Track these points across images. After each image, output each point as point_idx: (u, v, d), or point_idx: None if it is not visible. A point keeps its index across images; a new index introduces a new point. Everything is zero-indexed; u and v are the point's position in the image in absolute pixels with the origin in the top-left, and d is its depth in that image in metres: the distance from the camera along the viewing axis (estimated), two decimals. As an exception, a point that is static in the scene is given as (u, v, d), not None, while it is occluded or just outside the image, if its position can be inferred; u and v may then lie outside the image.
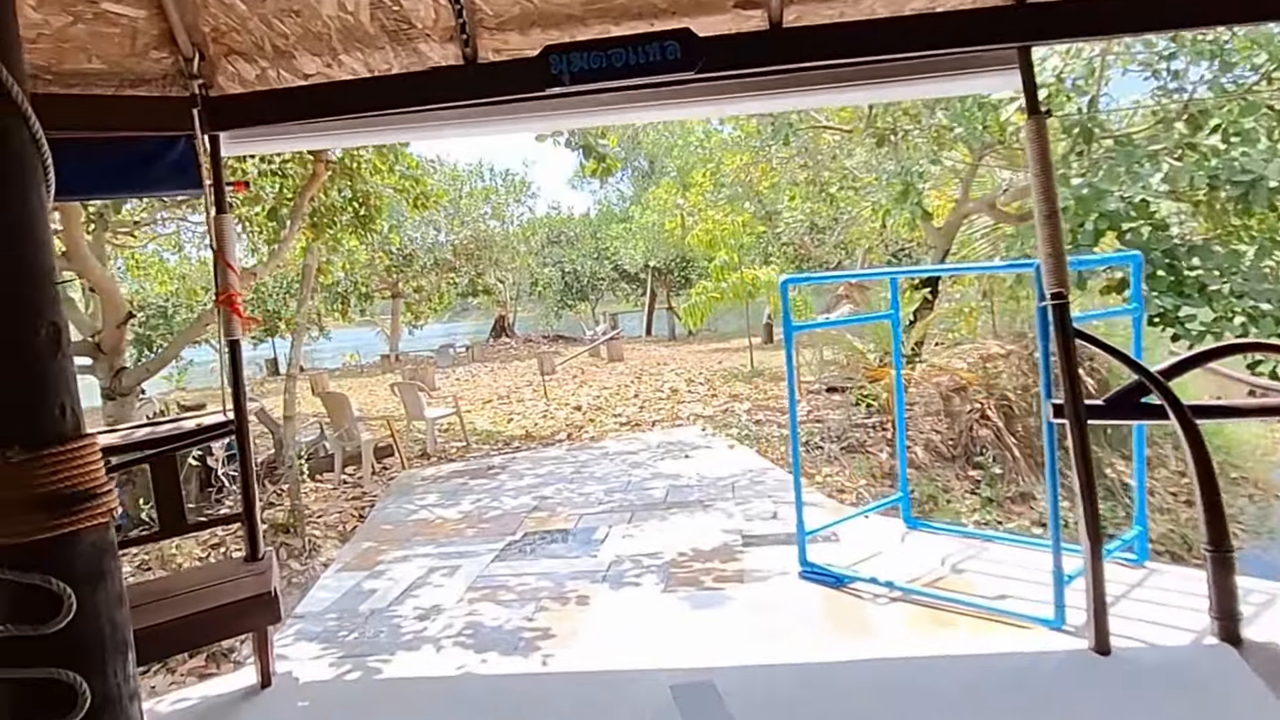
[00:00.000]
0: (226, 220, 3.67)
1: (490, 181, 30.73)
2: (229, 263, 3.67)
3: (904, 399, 5.02)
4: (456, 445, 10.80)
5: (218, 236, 3.65)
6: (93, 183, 3.75)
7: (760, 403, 11.84)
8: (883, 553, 4.53)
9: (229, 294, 3.64)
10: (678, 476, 7.00)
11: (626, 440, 9.27)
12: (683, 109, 3.57)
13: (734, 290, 14.70)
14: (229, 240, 3.68)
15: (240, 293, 3.73)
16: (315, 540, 7.32)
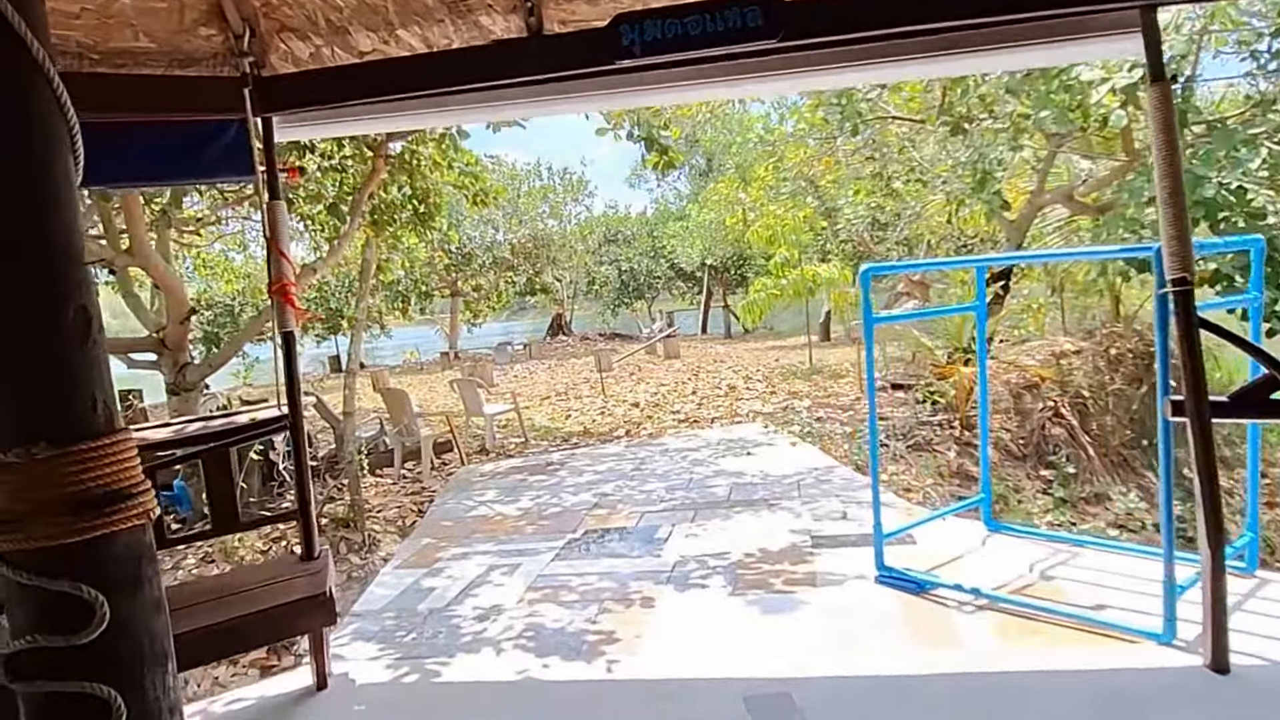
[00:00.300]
0: (280, 207, 3.57)
1: (548, 180, 30.81)
2: (283, 251, 3.57)
3: (987, 394, 4.75)
4: (515, 441, 10.74)
5: (271, 224, 3.55)
6: (140, 169, 3.67)
7: (821, 400, 11.56)
8: (963, 557, 4.28)
9: (283, 284, 3.55)
10: (740, 474, 6.80)
11: (686, 437, 9.09)
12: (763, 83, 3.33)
13: (794, 287, 14.40)
14: (282, 228, 3.58)
15: (294, 283, 3.64)
16: (375, 535, 7.28)
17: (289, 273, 3.62)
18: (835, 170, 11.66)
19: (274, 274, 3.56)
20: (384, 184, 10.97)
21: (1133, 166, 8.76)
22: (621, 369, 19.35)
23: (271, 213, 3.55)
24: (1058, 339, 12.17)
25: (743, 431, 8.98)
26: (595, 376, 17.94)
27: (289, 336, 3.60)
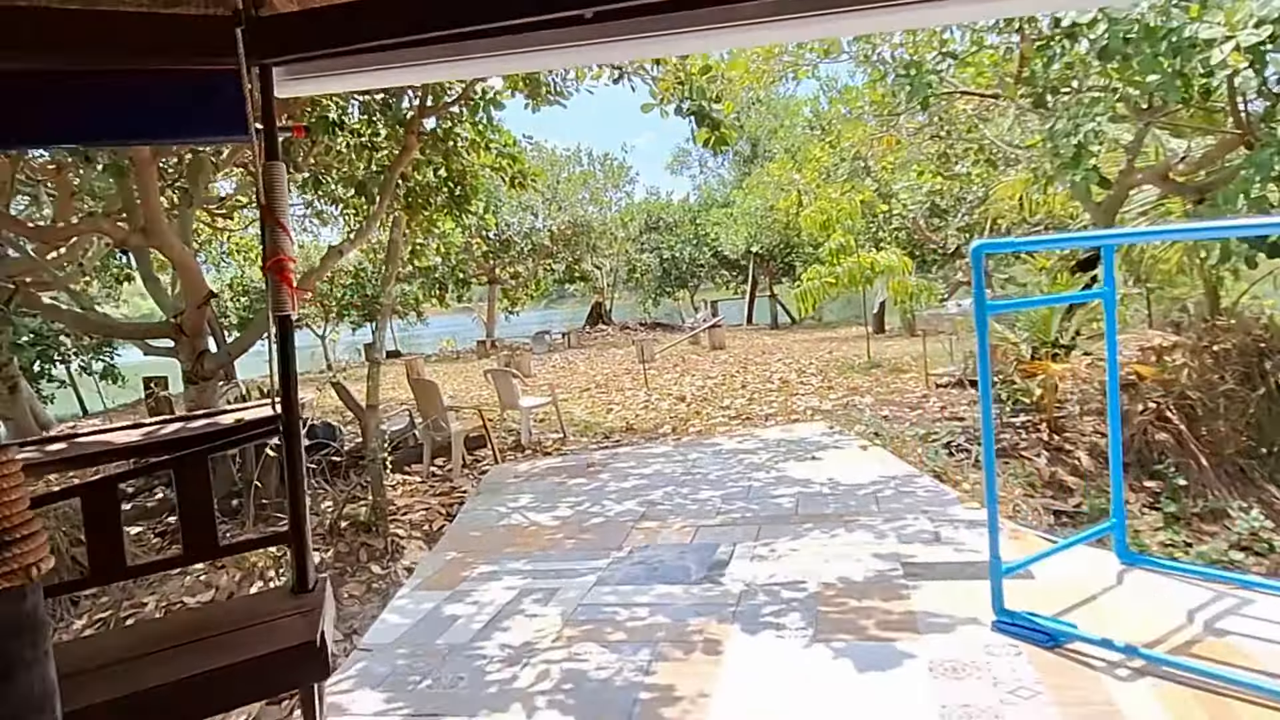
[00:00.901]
0: (278, 170, 2.88)
1: (588, 166, 30.13)
2: (280, 221, 2.87)
3: (1117, 399, 3.94)
4: (553, 437, 10.07)
5: (267, 188, 2.86)
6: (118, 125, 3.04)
7: (884, 397, 10.73)
8: (1097, 598, 3.49)
9: (279, 259, 2.86)
10: (807, 483, 6.03)
11: (740, 437, 8.32)
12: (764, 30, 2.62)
13: (849, 275, 13.56)
14: (280, 193, 2.89)
15: (293, 259, 2.95)
16: (398, 541, 6.65)
17: (287, 247, 2.92)
18: (896, 151, 10.79)
19: (269, 247, 2.88)
20: (418, 165, 10.39)
21: (1243, 140, 7.82)
22: (664, 360, 18.63)
23: (268, 175, 2.85)
24: (1146, 333, 11.22)
25: (804, 431, 8.20)
26: (637, 368, 17.23)
27: (285, 322, 2.90)
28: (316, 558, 6.47)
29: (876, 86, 9.88)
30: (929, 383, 11.22)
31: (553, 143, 30.45)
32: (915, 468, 6.56)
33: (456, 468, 8.47)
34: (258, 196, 2.89)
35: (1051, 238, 7.50)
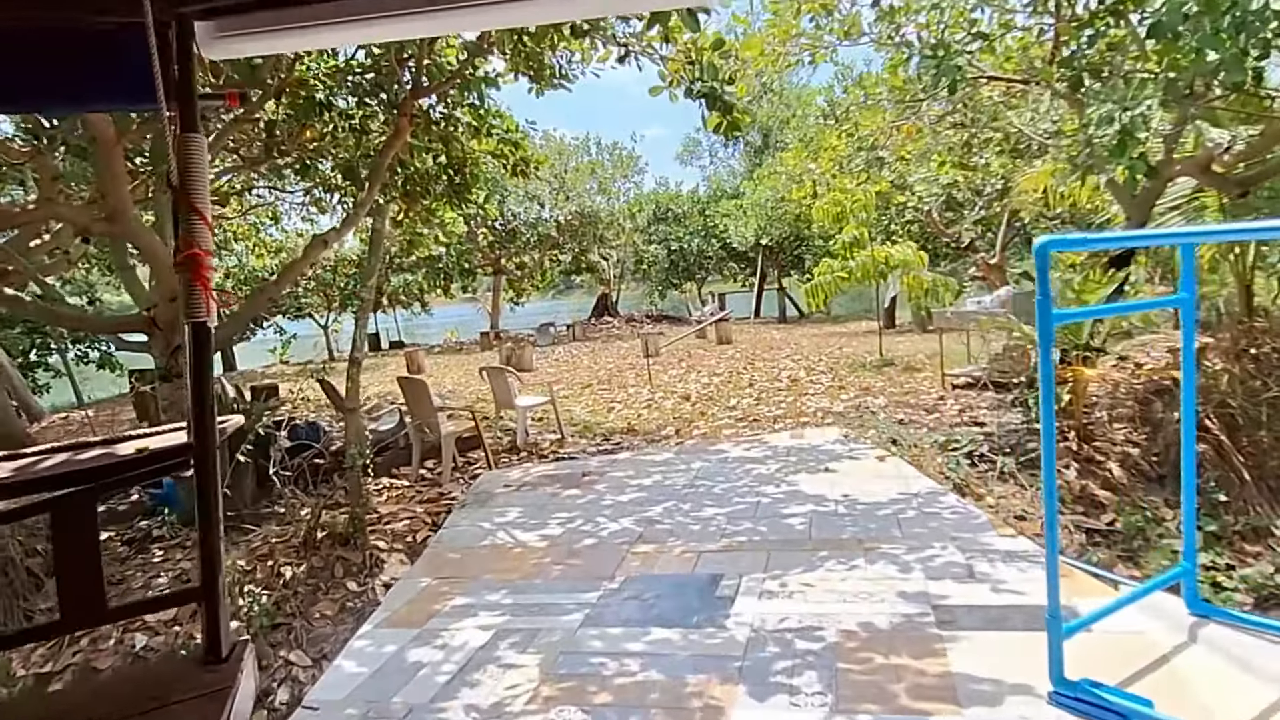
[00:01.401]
0: (195, 144, 2.33)
1: (597, 156, 29.54)
2: (196, 207, 2.33)
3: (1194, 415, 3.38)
4: (550, 438, 9.56)
5: (182, 167, 2.31)
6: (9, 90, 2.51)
7: (898, 399, 10.19)
8: (1170, 660, 2.96)
9: (193, 253, 2.32)
10: (820, 500, 5.49)
11: (747, 442, 7.79)
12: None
13: (862, 269, 13.01)
14: (199, 174, 2.33)
15: (209, 253, 2.40)
16: (378, 554, 6.16)
17: (204, 239, 2.36)
18: (916, 140, 10.21)
19: (181, 238, 2.33)
20: (416, 152, 9.91)
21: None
22: (670, 354, 18.10)
23: (183, 151, 2.31)
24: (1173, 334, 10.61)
25: (815, 438, 7.66)
26: (641, 362, 16.70)
27: (200, 331, 2.36)
28: (288, 572, 5.99)
29: (898, 71, 9.30)
30: (945, 383, 10.67)
31: (561, 131, 29.90)
32: (936, 481, 6.03)
33: (446, 472, 7.98)
34: (169, 176, 2.34)
35: (1127, 235, 6.88)
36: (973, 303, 10.69)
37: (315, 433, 8.60)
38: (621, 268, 35.32)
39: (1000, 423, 8.33)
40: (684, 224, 31.89)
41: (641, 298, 37.24)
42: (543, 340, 24.99)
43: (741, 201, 28.42)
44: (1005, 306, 9.92)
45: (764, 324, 28.15)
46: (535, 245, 27.73)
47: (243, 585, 5.64)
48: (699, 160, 41.62)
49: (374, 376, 19.50)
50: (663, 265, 32.55)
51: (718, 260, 32.24)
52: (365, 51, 8.03)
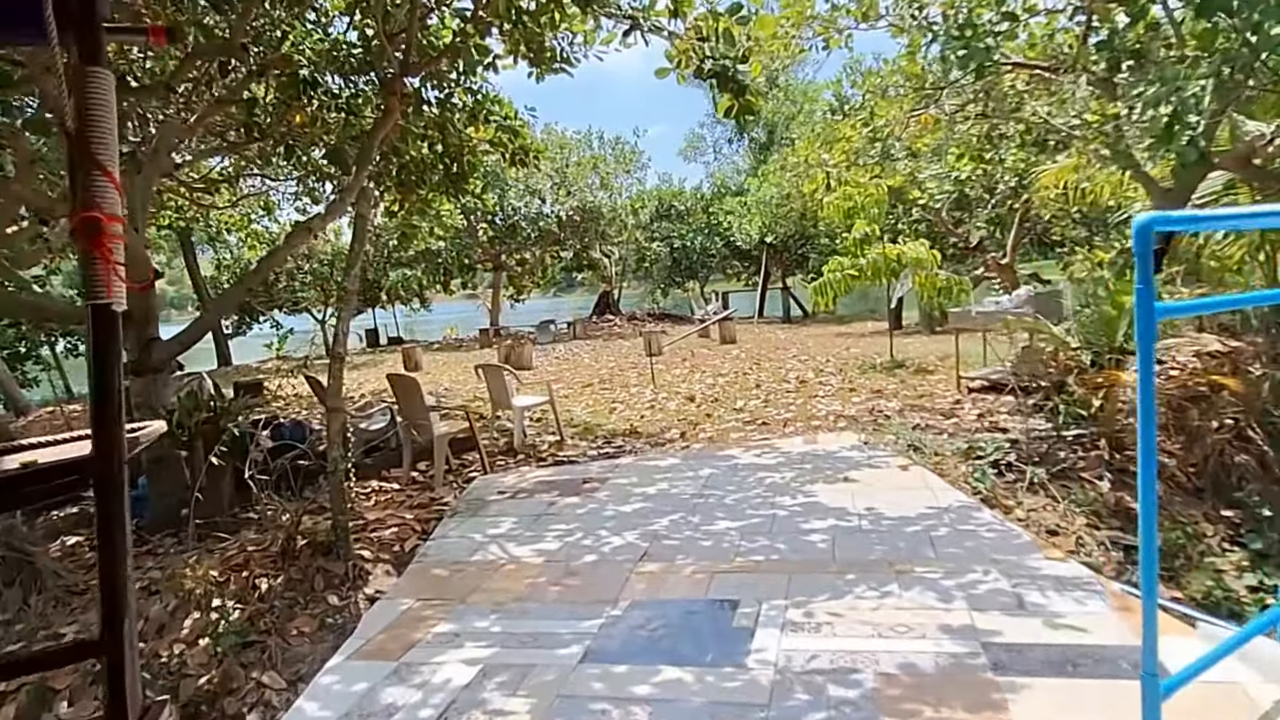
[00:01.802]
0: (98, 82, 1.85)
1: (599, 150, 29.04)
2: (99, 158, 1.85)
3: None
4: (549, 439, 9.10)
5: (80, 108, 1.83)
6: None
7: (912, 402, 9.73)
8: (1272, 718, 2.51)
9: (90, 216, 1.83)
10: (842, 513, 5.02)
11: (758, 448, 7.32)
12: None
13: (873, 268, 12.53)
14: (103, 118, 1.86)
15: (117, 218, 1.90)
16: (363, 564, 5.71)
17: (108, 200, 1.88)
18: (934, 131, 9.73)
19: (80, 196, 1.84)
20: (411, 139, 9.46)
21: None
22: (672, 353, 17.64)
23: (81, 87, 1.83)
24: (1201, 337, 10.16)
25: (830, 443, 7.20)
26: (644, 361, 16.24)
27: (102, 316, 1.87)
28: (264, 584, 5.54)
29: (916, 57, 8.83)
30: (960, 386, 10.21)
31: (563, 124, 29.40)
32: (965, 493, 5.57)
33: (438, 475, 7.52)
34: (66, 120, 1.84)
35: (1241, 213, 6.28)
36: (991, 303, 10.22)
37: (300, 432, 8.15)
38: (623, 265, 34.85)
39: (1023, 429, 7.87)
40: (687, 221, 31.43)
41: (643, 296, 36.78)
42: (543, 338, 24.54)
43: (746, 198, 27.96)
44: (1026, 307, 9.45)
45: (768, 323, 27.70)
46: (536, 241, 27.27)
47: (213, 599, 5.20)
48: (703, 156, 41.21)
49: (370, 374, 19.05)
50: (665, 263, 32.09)
51: (721, 258, 31.78)
52: (354, 28, 7.58)
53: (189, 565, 5.65)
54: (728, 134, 38.91)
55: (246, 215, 16.27)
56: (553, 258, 31.08)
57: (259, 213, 16.34)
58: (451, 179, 10.28)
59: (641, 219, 30.52)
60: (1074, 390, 7.15)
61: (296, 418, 8.83)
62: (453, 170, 10.22)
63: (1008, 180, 15.11)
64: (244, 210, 15.94)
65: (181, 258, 23.53)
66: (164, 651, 4.83)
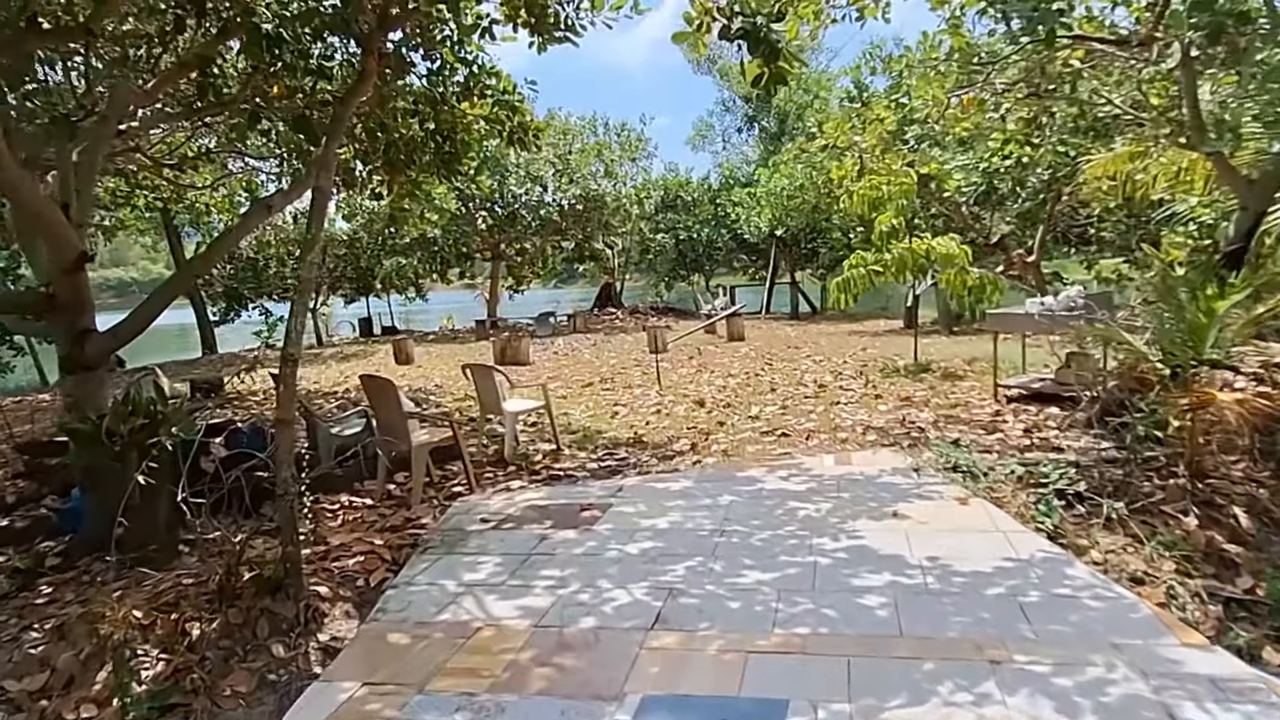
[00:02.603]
0: None
1: (604, 137, 28.01)
2: None
3: None
4: (544, 447, 8.17)
5: None
6: None
7: (946, 412, 8.80)
8: None
9: None
10: (899, 564, 4.07)
11: (783, 468, 6.37)
12: None
13: (899, 263, 11.57)
14: None
15: None
16: (319, 603, 4.78)
17: None
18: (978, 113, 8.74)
19: None
20: (401, 115, 8.55)
21: None
22: (678, 350, 16.69)
23: None
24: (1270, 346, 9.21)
25: (866, 463, 6.25)
26: (648, 359, 15.29)
27: None
28: (196, 629, 4.60)
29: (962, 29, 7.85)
30: (997, 395, 9.28)
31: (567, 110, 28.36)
32: (1046, 537, 4.63)
33: (417, 491, 6.59)
34: None
35: None
36: (1035, 304, 9.26)
37: (260, 439, 7.18)
38: (626, 257, 33.85)
39: (1081, 448, 6.94)
40: (693, 212, 30.38)
41: (647, 289, 35.77)
42: (542, 331, 23.58)
43: (755, 190, 26.93)
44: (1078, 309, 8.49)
45: (775, 319, 26.75)
46: (536, 230, 26.28)
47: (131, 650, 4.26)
48: (711, 146, 40.13)
49: (359, 365, 18.09)
50: (670, 255, 31.07)
51: (727, 251, 30.74)
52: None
53: (110, 603, 4.70)
54: (737, 123, 37.89)
55: (229, 197, 15.31)
56: (553, 248, 30.09)
57: (243, 195, 15.42)
58: (443, 159, 9.39)
59: (646, 209, 29.51)
60: (1148, 408, 6.19)
61: (258, 422, 7.87)
62: (444, 149, 9.32)
63: (1040, 173, 14.14)
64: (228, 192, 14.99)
65: (166, 242, 22.44)
66: (69, 714, 3.90)
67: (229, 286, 25.40)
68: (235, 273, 25.29)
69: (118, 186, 14.28)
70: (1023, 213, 14.86)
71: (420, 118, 8.71)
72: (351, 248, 26.50)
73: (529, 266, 30.05)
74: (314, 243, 5.00)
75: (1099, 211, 12.39)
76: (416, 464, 6.59)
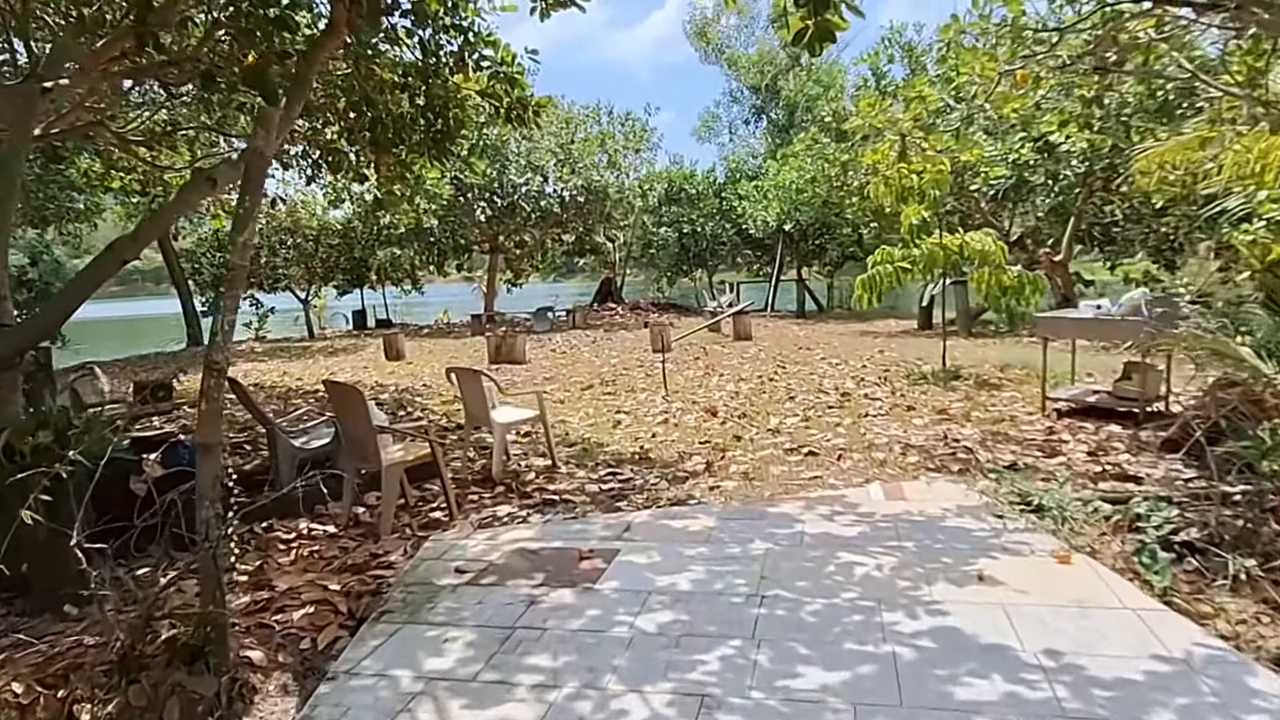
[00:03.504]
0: None
1: (607, 126, 26.91)
2: None
3: None
4: (538, 463, 7.16)
5: None
6: None
7: (991, 428, 7.80)
8: None
9: None
10: (1012, 659, 3.03)
11: (822, 501, 5.33)
12: None
13: (929, 259, 10.54)
14: None
15: None
16: (249, 673, 3.77)
17: None
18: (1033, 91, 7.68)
19: None
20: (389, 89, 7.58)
21: None
22: (683, 350, 15.67)
23: None
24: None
25: (923, 497, 5.22)
26: (651, 359, 14.27)
27: None
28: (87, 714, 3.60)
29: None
30: (1045, 409, 8.28)
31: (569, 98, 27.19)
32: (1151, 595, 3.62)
33: (386, 519, 5.57)
34: None
35: None
36: (1089, 307, 8.24)
37: (203, 455, 6.17)
38: (628, 250, 32.76)
39: (1161, 478, 5.94)
40: (698, 206, 29.26)
41: (648, 284, 34.65)
42: (539, 326, 22.54)
43: (762, 183, 25.85)
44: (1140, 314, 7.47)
45: (781, 318, 25.69)
46: (536, 222, 25.19)
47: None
48: (717, 138, 38.98)
49: (348, 361, 17.04)
50: (672, 250, 29.96)
51: (731, 247, 29.62)
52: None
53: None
54: (744, 114, 36.75)
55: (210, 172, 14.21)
56: (553, 240, 29.02)
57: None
58: (433, 138, 8.39)
59: (650, 202, 28.40)
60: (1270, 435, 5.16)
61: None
62: (435, 127, 8.33)
63: (1076, 165, 13.13)
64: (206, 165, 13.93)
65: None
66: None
67: (218, 275, 24.31)
68: (224, 260, 24.20)
69: (90, 168, 13.25)
70: (1054, 207, 13.82)
71: (409, 92, 7.77)
72: (345, 237, 25.40)
73: (528, 259, 28.99)
74: (247, 218, 3.95)
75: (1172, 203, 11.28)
76: (387, 487, 5.57)
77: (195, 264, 24.34)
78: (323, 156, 9.83)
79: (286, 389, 12.62)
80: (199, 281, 24.53)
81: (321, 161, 9.93)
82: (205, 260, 24.54)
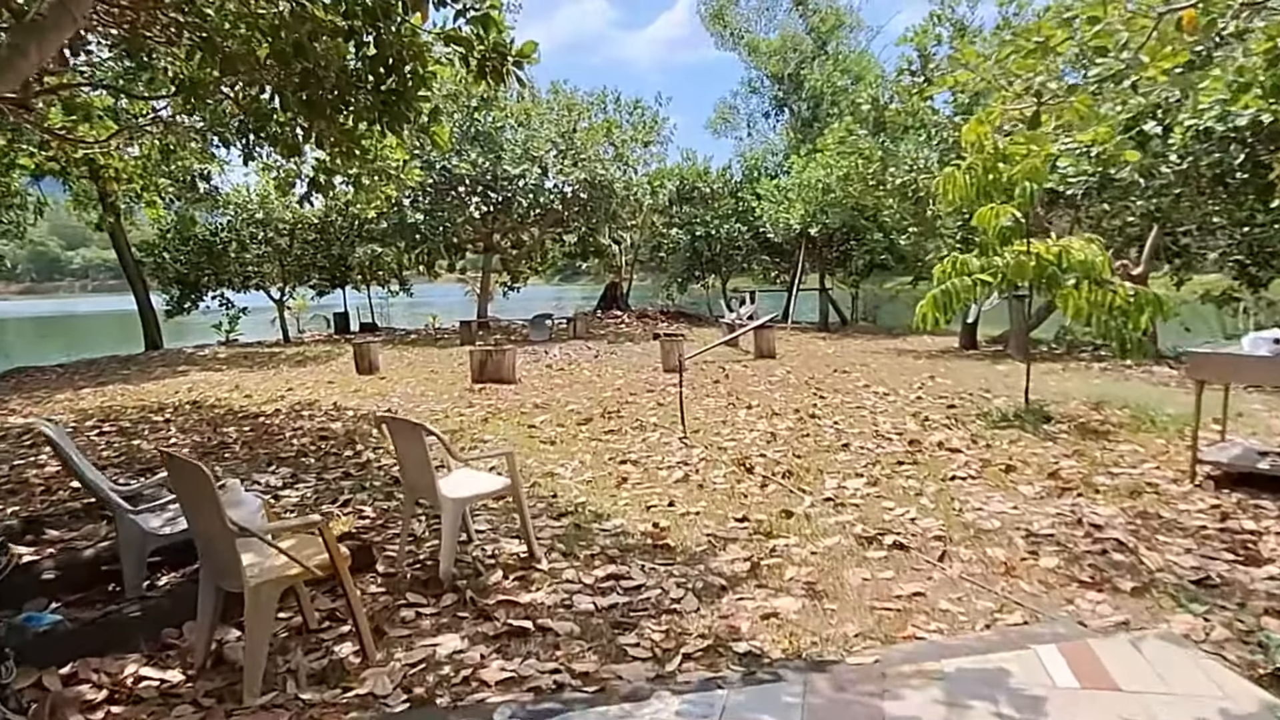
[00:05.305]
0: None
1: (614, 114, 24.75)
2: None
3: None
4: (510, 551, 4.97)
5: None
6: None
7: (1130, 502, 5.67)
8: None
9: None
10: None
11: (962, 682, 3.16)
12: None
13: (1017, 271, 8.34)
14: None
15: None
16: None
17: None
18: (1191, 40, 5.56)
19: None
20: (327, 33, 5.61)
21: None
22: (699, 370, 13.51)
23: None
24: None
25: (1137, 672, 3.02)
26: (662, 380, 12.11)
27: None
28: None
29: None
30: (1193, 475, 6.12)
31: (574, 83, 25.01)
32: None
33: (252, 678, 3.40)
34: None
35: None
36: (1262, 340, 6.03)
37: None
38: (635, 253, 30.56)
39: None
40: (712, 206, 27.01)
41: (656, 289, 32.40)
42: (537, 335, 20.38)
43: (784, 181, 23.63)
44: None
45: (802, 331, 23.47)
46: (535, 220, 23.02)
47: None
48: (735, 131, 36.66)
49: (319, 372, 14.84)
50: (684, 253, 27.72)
51: (748, 251, 27.35)
52: None
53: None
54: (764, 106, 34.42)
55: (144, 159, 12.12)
56: (554, 240, 26.88)
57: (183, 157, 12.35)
58: (384, 99, 6.38)
59: (660, 200, 26.20)
60: None
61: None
62: (388, 84, 6.33)
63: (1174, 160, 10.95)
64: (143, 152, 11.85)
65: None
66: None
67: (181, 272, 22.18)
68: (189, 256, 22.07)
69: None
70: (1147, 212, 11.63)
71: (355, 38, 5.77)
72: (323, 233, 23.24)
73: (526, 261, 26.85)
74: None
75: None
76: (255, 620, 3.41)
77: (157, 259, 22.17)
78: (247, 124, 7.74)
79: (227, 412, 10.47)
80: (162, 278, 22.35)
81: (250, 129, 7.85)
82: (169, 255, 22.38)
